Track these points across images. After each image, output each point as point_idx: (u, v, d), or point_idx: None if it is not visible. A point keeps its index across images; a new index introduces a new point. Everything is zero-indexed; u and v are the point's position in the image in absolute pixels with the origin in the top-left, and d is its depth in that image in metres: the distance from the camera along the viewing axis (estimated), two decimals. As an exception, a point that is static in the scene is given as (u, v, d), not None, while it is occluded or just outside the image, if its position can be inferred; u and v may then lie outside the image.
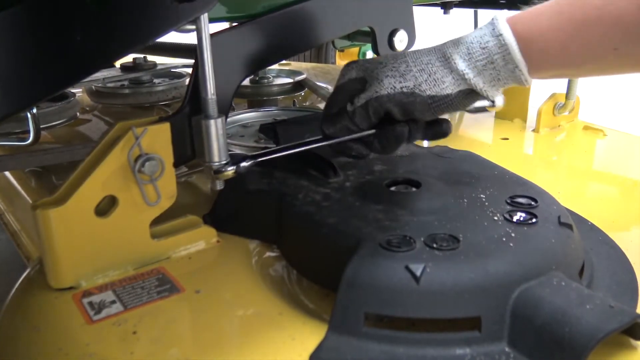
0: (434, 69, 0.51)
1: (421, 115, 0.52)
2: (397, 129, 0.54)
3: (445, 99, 0.51)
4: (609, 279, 0.49)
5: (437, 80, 0.51)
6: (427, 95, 0.51)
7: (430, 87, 0.51)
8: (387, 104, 0.52)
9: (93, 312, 0.46)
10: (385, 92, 0.52)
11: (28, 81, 0.43)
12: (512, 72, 0.49)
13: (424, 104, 0.51)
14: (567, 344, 0.37)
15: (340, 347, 0.41)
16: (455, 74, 0.50)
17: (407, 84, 0.51)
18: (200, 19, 0.48)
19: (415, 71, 0.51)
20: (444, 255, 0.43)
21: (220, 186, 0.54)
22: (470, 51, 0.50)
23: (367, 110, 0.53)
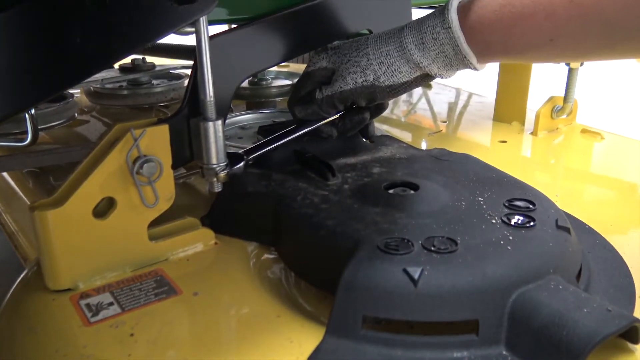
0: (392, 60, 0.57)
1: (382, 100, 0.60)
2: (359, 116, 0.64)
3: (402, 85, 0.58)
4: (606, 282, 0.49)
5: (394, 71, 0.57)
6: (386, 86, 0.58)
7: (388, 78, 0.57)
8: (351, 96, 0.60)
9: (90, 314, 0.46)
10: (348, 88, 0.59)
11: (27, 82, 0.43)
12: (462, 60, 0.54)
13: (384, 92, 0.59)
14: (564, 347, 0.37)
15: (338, 349, 0.41)
16: (411, 64, 0.56)
17: (367, 78, 0.58)
18: (200, 21, 0.48)
19: (375, 64, 0.57)
20: (442, 258, 0.43)
21: (218, 188, 0.54)
22: (424, 41, 0.55)
23: (334, 101, 0.61)
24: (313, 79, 0.62)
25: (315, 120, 0.63)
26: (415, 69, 0.56)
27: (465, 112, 1.15)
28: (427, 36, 0.54)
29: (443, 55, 0.54)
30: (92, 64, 0.45)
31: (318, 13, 0.63)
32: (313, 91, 0.62)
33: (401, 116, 1.14)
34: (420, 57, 0.55)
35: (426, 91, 1.29)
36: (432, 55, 0.54)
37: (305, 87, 0.63)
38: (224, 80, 0.56)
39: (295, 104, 0.63)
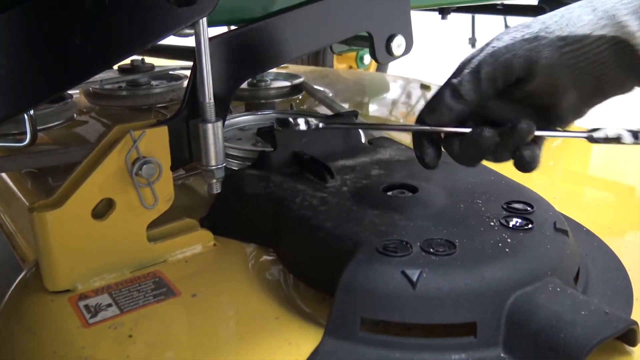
0: (570, 9, 0.40)
1: (549, 71, 0.39)
2: (485, 133, 0.42)
3: (582, 42, 0.38)
4: (604, 285, 0.49)
5: (571, 18, 0.39)
6: (556, 37, 0.39)
7: (561, 26, 0.39)
8: (504, 56, 0.40)
9: (89, 315, 0.46)
10: (502, 44, 0.41)
11: (27, 83, 0.43)
12: None
13: (553, 47, 0.39)
14: (562, 349, 0.37)
15: (336, 351, 0.41)
16: (599, 12, 0.38)
17: (532, 30, 0.40)
18: (199, 23, 0.48)
19: (546, 17, 0.41)
20: (440, 260, 0.43)
21: (217, 190, 0.54)
22: None
23: (479, 74, 0.41)
24: None
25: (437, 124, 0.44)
26: (604, 20, 0.38)
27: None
28: None
29: None
30: (91, 65, 0.45)
31: (317, 15, 0.63)
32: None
33: (400, 118, 1.14)
34: (617, 1, 0.38)
35: (425, 93, 1.30)
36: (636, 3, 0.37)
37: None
38: (223, 82, 0.57)
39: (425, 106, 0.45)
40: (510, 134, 0.42)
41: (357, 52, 2.50)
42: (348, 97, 1.30)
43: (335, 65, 2.53)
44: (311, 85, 1.12)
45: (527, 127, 0.42)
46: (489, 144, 0.42)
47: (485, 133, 0.42)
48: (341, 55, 2.53)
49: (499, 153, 0.43)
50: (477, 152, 0.43)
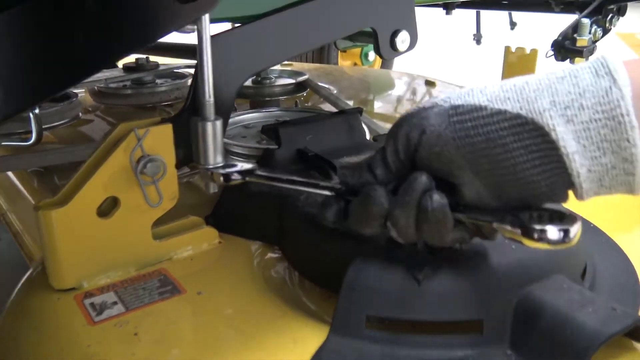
0: (490, 83, 0.37)
1: (434, 142, 0.36)
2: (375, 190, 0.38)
3: (474, 113, 0.35)
4: (611, 281, 0.49)
5: (476, 90, 0.36)
6: (450, 105, 0.36)
7: (460, 97, 0.36)
8: (403, 127, 0.38)
9: (95, 313, 0.46)
10: (408, 113, 0.39)
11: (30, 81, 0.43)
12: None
13: (443, 116, 0.36)
14: (569, 346, 0.37)
15: (341, 349, 0.41)
16: (506, 86, 0.35)
17: (435, 100, 0.38)
18: (202, 19, 0.48)
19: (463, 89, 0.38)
20: (446, 257, 0.43)
21: (214, 189, 0.54)
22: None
23: (385, 153, 0.40)
24: None
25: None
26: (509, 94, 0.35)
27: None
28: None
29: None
30: (94, 62, 0.45)
31: (320, 11, 0.63)
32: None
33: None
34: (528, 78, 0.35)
35: (430, 89, 1.29)
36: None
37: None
38: (227, 79, 0.56)
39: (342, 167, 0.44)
40: (405, 188, 0.37)
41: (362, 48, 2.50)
42: (353, 94, 1.29)
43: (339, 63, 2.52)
44: (316, 83, 1.12)
45: (422, 176, 0.37)
46: (377, 201, 0.38)
47: (373, 190, 0.38)
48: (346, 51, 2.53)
49: (395, 214, 0.37)
50: (365, 210, 0.39)
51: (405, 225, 0.38)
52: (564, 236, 0.33)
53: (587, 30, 1.10)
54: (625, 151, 0.32)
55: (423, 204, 0.36)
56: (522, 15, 1.61)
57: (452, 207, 0.37)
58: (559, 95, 0.33)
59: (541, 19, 1.74)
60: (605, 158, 0.33)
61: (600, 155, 0.33)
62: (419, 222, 0.37)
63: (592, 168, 0.33)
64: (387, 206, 0.38)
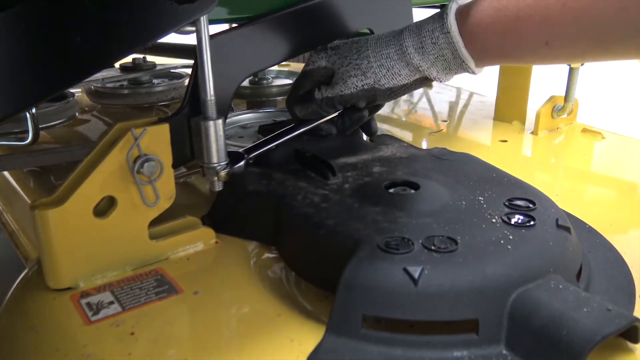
0: (392, 63, 0.57)
1: (382, 101, 0.62)
2: (358, 115, 0.65)
3: (402, 88, 0.59)
4: (606, 282, 0.49)
5: (394, 74, 0.58)
6: (386, 88, 0.59)
7: (388, 80, 0.58)
8: (351, 99, 0.61)
9: (91, 313, 0.46)
10: (349, 92, 0.60)
11: (27, 82, 0.43)
12: (460, 65, 0.55)
13: (384, 94, 0.60)
14: (564, 347, 0.37)
15: (338, 348, 0.41)
16: (411, 67, 0.57)
17: (368, 82, 0.59)
18: (200, 20, 0.48)
19: (375, 67, 0.58)
20: (442, 257, 0.43)
21: (219, 187, 0.54)
22: (423, 45, 0.55)
23: (334, 103, 0.62)
24: (312, 78, 0.63)
25: (314, 119, 0.64)
26: (415, 72, 0.57)
27: (466, 111, 1.15)
28: (426, 40, 0.55)
29: (442, 59, 0.55)
30: (92, 63, 0.45)
31: (319, 12, 0.63)
32: (312, 90, 0.63)
33: (402, 115, 1.14)
34: (420, 60, 0.56)
35: (427, 90, 1.29)
36: (431, 59, 0.55)
37: (304, 86, 0.63)
38: (225, 80, 0.56)
39: (294, 104, 0.64)
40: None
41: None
42: (350, 95, 1.29)
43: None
44: (313, 83, 1.12)
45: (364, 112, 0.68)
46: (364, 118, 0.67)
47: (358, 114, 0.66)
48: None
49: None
50: (357, 124, 0.68)
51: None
52: None
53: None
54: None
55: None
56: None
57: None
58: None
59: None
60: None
61: None
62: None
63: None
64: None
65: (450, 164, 0.62)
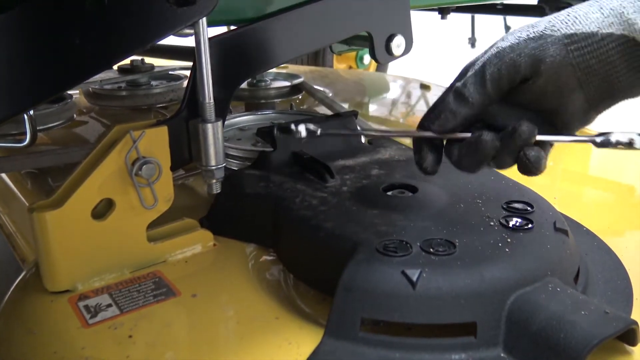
0: (576, 9, 0.40)
1: (555, 70, 0.39)
2: (484, 137, 0.40)
3: (589, 39, 0.38)
4: (604, 284, 0.49)
5: (578, 16, 0.39)
6: (563, 34, 0.39)
7: (567, 24, 0.39)
8: (509, 55, 0.39)
9: (89, 316, 0.46)
10: (507, 44, 0.40)
11: (26, 84, 0.43)
12: None
13: (559, 45, 0.38)
14: (562, 349, 0.37)
15: (336, 351, 0.41)
16: (605, 10, 0.38)
17: (537, 29, 0.40)
18: (199, 23, 0.48)
19: (553, 17, 0.40)
20: (440, 260, 0.43)
21: (217, 190, 0.54)
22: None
23: (484, 74, 0.40)
24: None
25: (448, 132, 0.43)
26: (612, 19, 0.38)
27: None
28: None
29: None
30: (91, 65, 0.45)
31: (316, 15, 0.63)
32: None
33: (400, 118, 1.14)
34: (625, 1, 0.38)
35: (425, 93, 1.30)
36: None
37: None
38: (223, 82, 0.57)
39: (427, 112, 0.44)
40: (510, 137, 0.40)
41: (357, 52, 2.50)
42: (348, 97, 1.30)
43: (335, 65, 2.53)
44: (311, 85, 1.12)
45: (528, 129, 0.40)
46: (488, 148, 0.41)
47: (485, 137, 0.41)
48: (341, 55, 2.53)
49: (500, 158, 0.42)
50: (476, 157, 0.42)
51: (509, 166, 0.42)
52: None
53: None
54: None
55: (523, 159, 0.41)
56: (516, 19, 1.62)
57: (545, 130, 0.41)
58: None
59: (535, 24, 1.74)
60: None
61: None
62: (522, 166, 0.41)
63: None
64: (497, 149, 0.41)
65: (448, 167, 0.62)
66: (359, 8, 0.66)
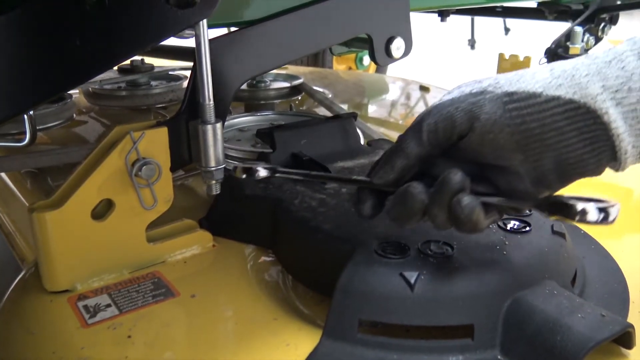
0: (529, 70, 0.38)
1: (489, 128, 0.36)
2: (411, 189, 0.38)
3: (530, 100, 0.35)
4: (601, 287, 0.50)
5: (525, 75, 0.37)
6: (503, 92, 0.36)
7: (510, 82, 0.37)
8: (447, 109, 0.38)
9: (88, 316, 0.46)
10: (448, 98, 0.39)
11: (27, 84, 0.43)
12: None
13: (497, 103, 0.36)
14: (558, 352, 0.37)
15: (334, 353, 0.41)
16: (555, 71, 0.36)
17: (481, 85, 0.38)
18: (200, 24, 0.48)
19: (501, 75, 0.38)
20: (438, 262, 0.43)
21: (216, 191, 0.54)
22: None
23: (421, 127, 0.39)
24: None
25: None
26: (560, 80, 0.36)
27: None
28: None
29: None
30: (91, 66, 0.45)
31: (316, 17, 0.63)
32: None
33: (399, 119, 1.15)
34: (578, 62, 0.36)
35: (424, 94, 1.30)
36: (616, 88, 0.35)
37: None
38: (223, 83, 0.57)
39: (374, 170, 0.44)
40: (439, 188, 0.37)
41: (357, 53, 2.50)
42: (347, 98, 1.30)
43: (334, 67, 2.53)
44: (310, 87, 1.12)
45: (457, 178, 0.37)
46: (416, 198, 0.38)
47: (413, 187, 0.38)
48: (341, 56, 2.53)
49: (430, 210, 0.38)
50: (404, 207, 0.39)
51: (442, 220, 0.39)
52: (604, 217, 0.35)
53: (579, 39, 1.11)
54: None
55: (453, 209, 0.37)
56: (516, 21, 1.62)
57: (487, 194, 0.38)
58: (608, 80, 0.34)
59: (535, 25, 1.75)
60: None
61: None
62: (453, 219, 0.38)
63: (636, 144, 0.35)
64: (425, 202, 0.38)
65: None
66: (359, 10, 0.66)
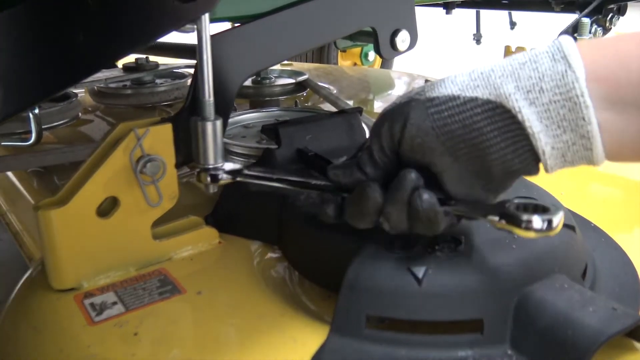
0: (455, 74, 0.39)
1: (416, 133, 0.38)
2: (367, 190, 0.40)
3: (449, 103, 0.37)
4: (611, 281, 0.49)
5: (446, 80, 0.38)
6: (426, 98, 0.38)
7: (432, 88, 0.39)
8: (387, 116, 0.40)
9: (94, 313, 0.46)
10: (392, 105, 0.41)
11: (30, 81, 0.43)
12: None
13: (421, 108, 0.38)
14: (569, 346, 0.37)
15: (342, 349, 0.41)
16: (474, 74, 0.38)
17: (412, 93, 0.40)
18: (201, 19, 0.48)
19: (434, 81, 0.40)
20: (446, 257, 0.42)
21: (213, 189, 0.54)
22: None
23: (370, 134, 0.42)
24: None
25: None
26: (478, 82, 0.37)
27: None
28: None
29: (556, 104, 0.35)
30: (94, 61, 0.45)
31: (320, 10, 0.63)
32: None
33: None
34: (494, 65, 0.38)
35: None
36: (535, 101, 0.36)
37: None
38: (227, 79, 0.56)
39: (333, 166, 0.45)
40: (396, 185, 0.39)
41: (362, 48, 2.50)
42: (352, 94, 1.29)
43: (339, 62, 2.52)
44: (315, 83, 1.12)
45: (411, 174, 0.39)
46: (370, 199, 0.40)
47: (367, 188, 0.40)
48: (345, 51, 2.53)
49: (387, 210, 0.40)
50: (358, 208, 0.41)
51: (397, 220, 0.40)
52: (548, 226, 0.36)
53: (587, 30, 1.10)
54: (582, 129, 0.35)
55: (413, 203, 0.39)
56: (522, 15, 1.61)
57: (442, 200, 0.40)
58: (521, 80, 0.36)
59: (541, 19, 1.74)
60: (566, 135, 0.36)
61: (561, 133, 0.36)
62: (410, 218, 0.40)
63: (555, 145, 0.36)
64: (380, 202, 0.40)
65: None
66: (364, 3, 0.65)
